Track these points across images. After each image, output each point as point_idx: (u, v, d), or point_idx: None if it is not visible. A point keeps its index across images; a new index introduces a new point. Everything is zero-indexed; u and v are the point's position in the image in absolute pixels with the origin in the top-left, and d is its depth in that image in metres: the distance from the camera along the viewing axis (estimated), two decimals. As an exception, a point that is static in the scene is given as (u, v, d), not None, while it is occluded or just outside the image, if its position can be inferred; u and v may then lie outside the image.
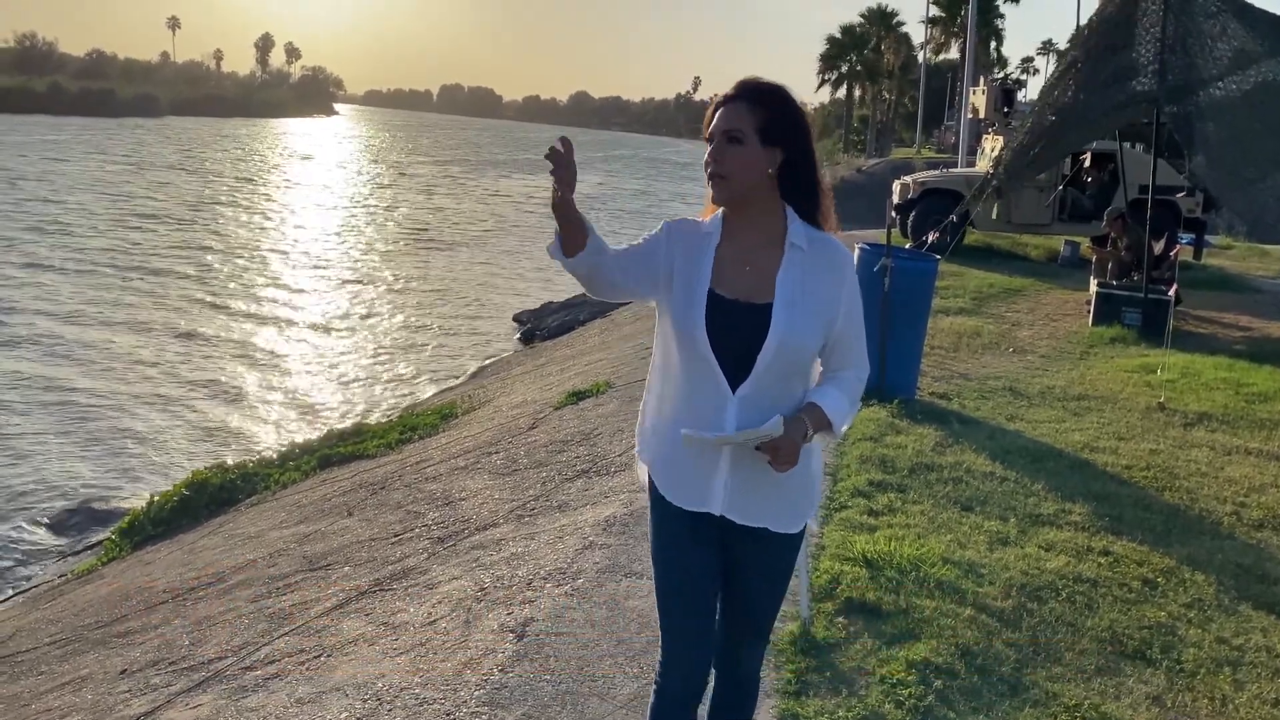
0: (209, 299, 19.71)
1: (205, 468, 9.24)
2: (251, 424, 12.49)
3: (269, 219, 33.77)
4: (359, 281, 23.12)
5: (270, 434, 12.05)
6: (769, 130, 2.16)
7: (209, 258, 24.42)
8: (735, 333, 2.17)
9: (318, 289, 21.99)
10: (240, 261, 24.33)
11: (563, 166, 2.08)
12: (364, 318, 19.27)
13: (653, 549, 2.38)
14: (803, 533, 2.37)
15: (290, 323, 18.49)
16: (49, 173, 41.25)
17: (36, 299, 18.35)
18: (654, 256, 2.26)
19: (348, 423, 11.32)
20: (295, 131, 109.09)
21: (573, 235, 2.18)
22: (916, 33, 70.86)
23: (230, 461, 9.75)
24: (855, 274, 2.29)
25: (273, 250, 26.79)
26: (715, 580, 2.34)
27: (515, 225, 36.21)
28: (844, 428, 2.27)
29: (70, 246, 24.02)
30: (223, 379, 14.35)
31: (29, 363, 14.31)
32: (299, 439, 10.75)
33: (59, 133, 65.86)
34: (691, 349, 2.20)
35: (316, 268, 24.68)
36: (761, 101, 2.18)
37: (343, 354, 16.38)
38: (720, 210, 2.28)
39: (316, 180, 51.27)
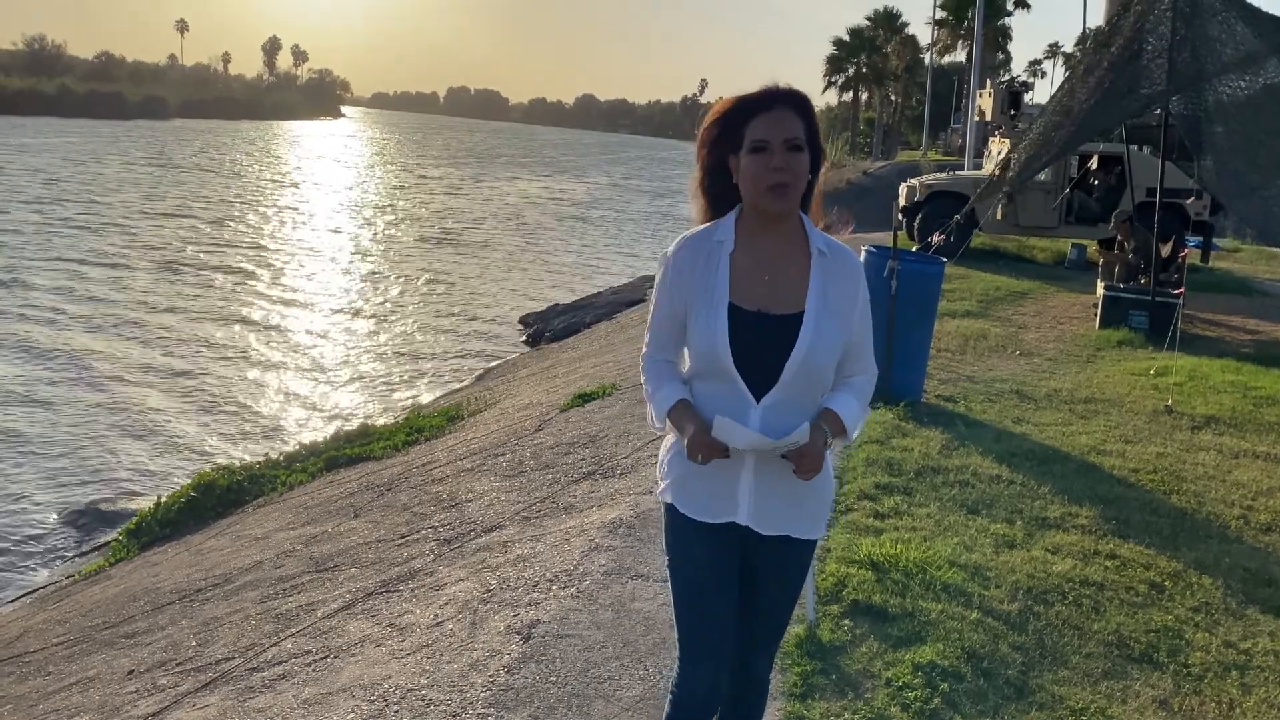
0: (217, 299, 19.76)
1: (212, 469, 9.27)
2: (258, 425, 12.52)
3: (280, 220, 33.85)
4: (365, 283, 23.16)
5: (277, 435, 12.07)
6: (810, 137, 2.16)
7: (218, 258, 24.49)
8: (757, 345, 2.15)
9: (323, 290, 22.02)
10: (250, 262, 24.38)
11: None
12: (370, 319, 19.30)
13: (671, 565, 2.36)
14: (819, 537, 2.37)
15: (296, 324, 18.52)
16: (79, 174, 41.66)
17: (44, 299, 18.41)
18: (677, 316, 2.25)
19: (354, 424, 11.33)
20: (305, 134, 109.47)
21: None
22: (923, 34, 70.70)
23: (237, 463, 9.78)
24: (864, 280, 2.28)
25: (281, 250, 26.84)
26: (733, 595, 2.33)
27: (521, 227, 36.25)
28: (856, 432, 2.27)
29: (83, 246, 24.10)
30: (229, 380, 14.38)
31: (35, 363, 14.35)
32: (306, 440, 10.77)
33: (73, 135, 66.21)
34: (714, 363, 2.17)
35: (322, 268, 24.73)
36: (803, 108, 2.16)
37: (348, 355, 16.40)
38: (732, 216, 2.25)
39: (324, 181, 51.43)
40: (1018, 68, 72.43)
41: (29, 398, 12.80)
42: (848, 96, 70.86)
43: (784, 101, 2.15)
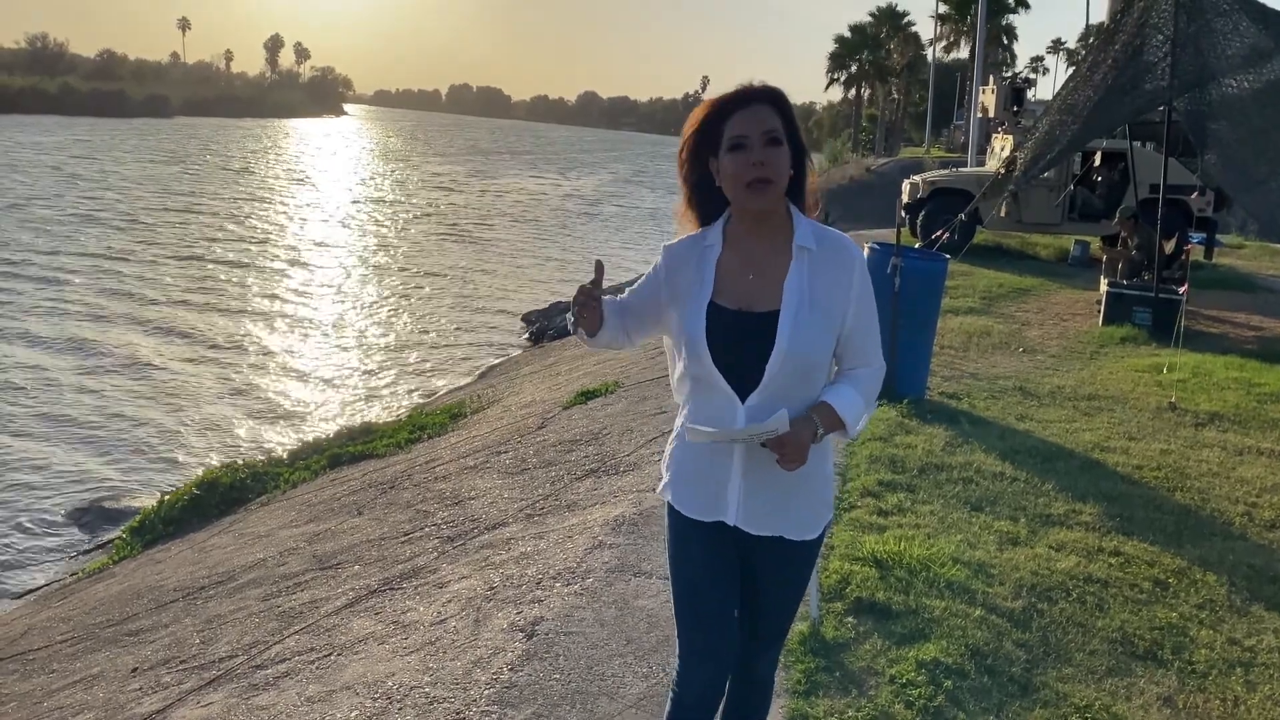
0: (222, 295, 19.77)
1: (216, 467, 9.29)
2: (261, 423, 12.53)
3: (293, 216, 33.92)
4: (370, 280, 23.18)
5: (280, 433, 12.08)
6: (789, 132, 2.15)
7: (229, 254, 24.51)
8: (739, 344, 2.14)
9: (327, 288, 22.03)
10: (259, 258, 24.40)
11: (589, 307, 2.16)
12: (373, 317, 19.31)
13: (670, 564, 2.36)
14: (820, 538, 2.33)
15: (300, 322, 18.54)
16: (100, 172, 41.99)
17: (46, 297, 18.43)
18: (656, 297, 2.27)
19: (357, 422, 11.34)
20: (310, 131, 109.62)
21: (592, 325, 2.23)
22: (925, 28, 70.68)
23: (240, 460, 9.79)
24: (866, 272, 2.22)
25: (290, 247, 26.87)
26: (733, 592, 2.32)
27: (524, 224, 36.25)
28: (859, 426, 2.22)
29: (99, 242, 24.12)
30: (233, 378, 14.40)
31: (36, 361, 14.37)
32: (309, 438, 10.78)
33: (81, 133, 66.40)
34: (696, 363, 2.16)
35: (325, 266, 24.73)
36: (779, 104, 2.15)
37: (352, 353, 16.41)
38: (722, 220, 2.24)
39: (336, 177, 51.54)
40: (1020, 64, 72.26)
41: (31, 396, 12.81)
42: (850, 93, 70.74)
43: (759, 98, 2.14)
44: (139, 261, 22.98)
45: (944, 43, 59.50)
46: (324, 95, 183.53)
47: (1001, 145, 16.05)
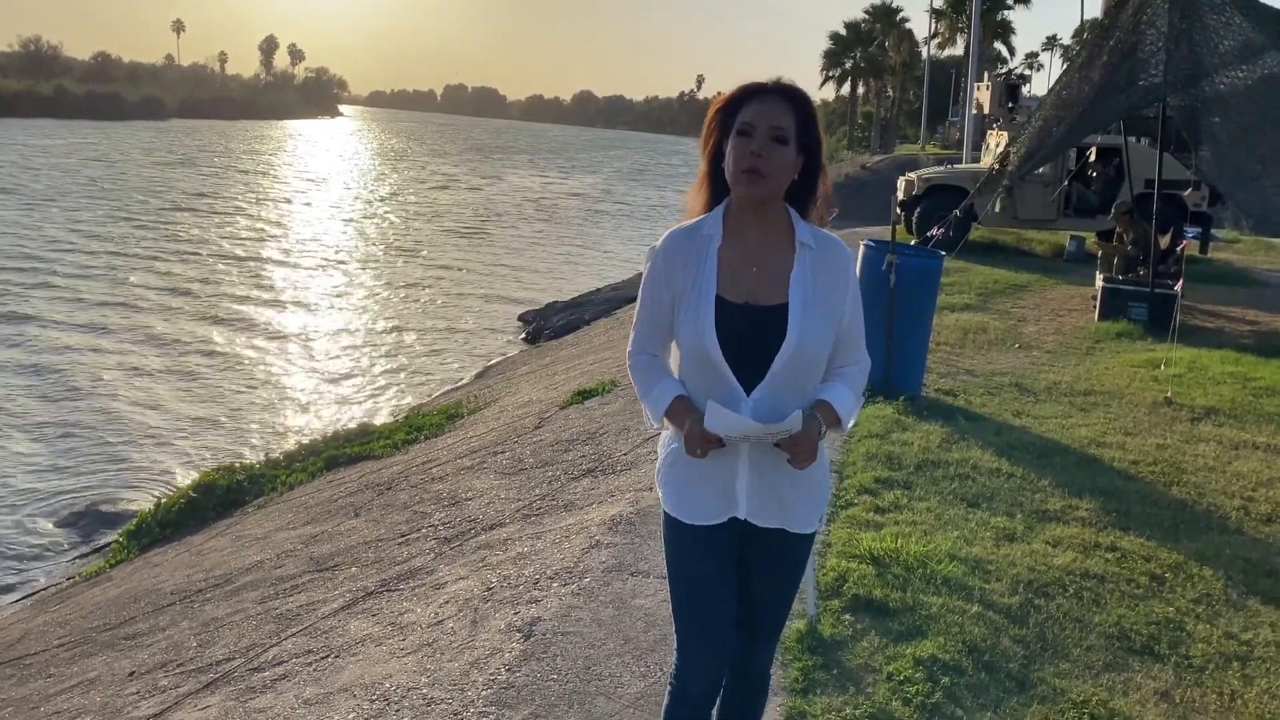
0: (217, 297, 19.73)
1: (212, 470, 9.27)
2: (258, 425, 12.51)
3: (285, 216, 33.89)
4: (365, 281, 23.14)
5: (277, 435, 12.06)
6: (804, 137, 2.15)
7: (220, 253, 24.47)
8: (745, 337, 2.15)
9: (323, 289, 21.99)
10: (253, 259, 24.35)
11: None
12: (370, 318, 19.28)
13: (669, 567, 2.36)
14: (815, 532, 2.37)
15: (296, 322, 18.51)
16: (116, 175, 42.12)
17: (45, 299, 18.39)
18: (665, 311, 2.25)
19: (354, 423, 11.33)
20: (310, 132, 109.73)
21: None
22: (920, 24, 70.58)
23: (237, 463, 9.77)
24: (855, 271, 2.28)
25: (283, 247, 26.82)
26: (731, 590, 2.33)
27: (527, 222, 36.22)
28: (850, 422, 2.28)
29: (102, 243, 24.08)
30: (230, 380, 14.37)
31: (32, 362, 14.34)
32: (305, 440, 10.76)
33: (89, 135, 66.53)
34: (702, 358, 2.17)
35: (323, 266, 24.69)
36: (802, 106, 2.15)
37: (348, 354, 16.38)
38: (721, 209, 2.24)
39: (344, 179, 51.59)
40: (1016, 60, 72.30)
41: (27, 398, 12.79)
42: (845, 90, 70.78)
43: (779, 93, 2.14)
44: (138, 261, 22.93)
45: (939, 39, 59.59)
46: (319, 96, 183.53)
47: (997, 142, 16.04)
